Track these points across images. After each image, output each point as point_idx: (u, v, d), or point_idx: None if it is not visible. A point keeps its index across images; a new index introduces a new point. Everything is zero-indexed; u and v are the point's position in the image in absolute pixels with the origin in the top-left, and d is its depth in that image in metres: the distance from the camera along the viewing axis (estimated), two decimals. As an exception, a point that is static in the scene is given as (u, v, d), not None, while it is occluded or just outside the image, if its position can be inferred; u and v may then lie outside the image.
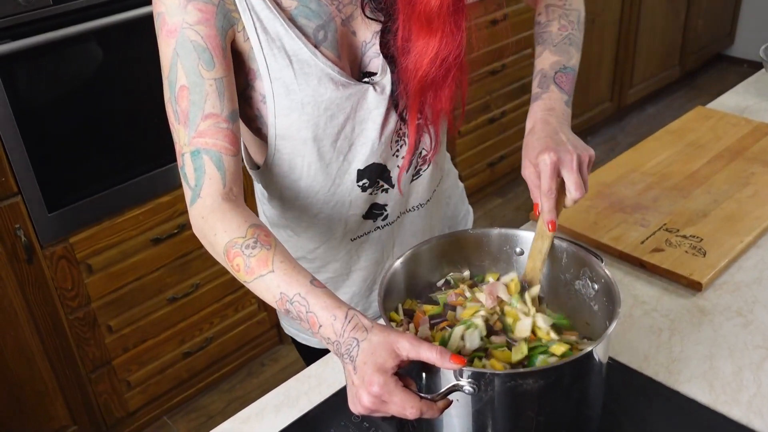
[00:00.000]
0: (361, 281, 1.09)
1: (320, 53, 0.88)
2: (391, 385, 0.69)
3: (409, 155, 0.98)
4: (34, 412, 1.88)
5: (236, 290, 2.21)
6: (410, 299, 0.92)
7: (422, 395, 0.70)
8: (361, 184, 0.98)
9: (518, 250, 0.94)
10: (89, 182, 1.81)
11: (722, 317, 1.04)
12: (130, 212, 1.89)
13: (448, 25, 0.84)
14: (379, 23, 0.92)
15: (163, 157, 1.91)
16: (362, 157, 0.96)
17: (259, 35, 0.86)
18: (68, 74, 1.71)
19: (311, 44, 0.88)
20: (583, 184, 0.85)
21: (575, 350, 0.80)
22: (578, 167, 0.84)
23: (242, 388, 2.32)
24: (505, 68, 2.88)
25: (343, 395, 0.76)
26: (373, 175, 0.98)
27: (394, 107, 0.94)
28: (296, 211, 1.01)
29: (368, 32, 0.92)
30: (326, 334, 0.75)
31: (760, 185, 1.30)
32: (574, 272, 0.90)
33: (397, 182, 1.00)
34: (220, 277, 2.14)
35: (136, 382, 2.07)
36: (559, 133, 0.88)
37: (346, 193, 0.98)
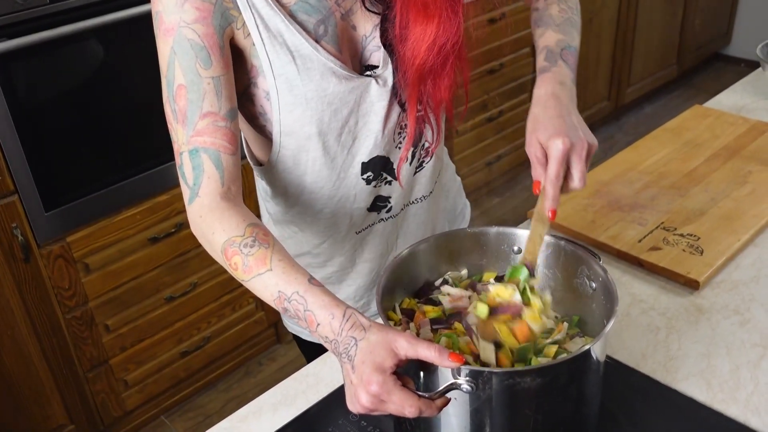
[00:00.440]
0: (366, 274, 1.09)
1: (322, 48, 0.88)
2: (389, 384, 0.69)
3: (408, 145, 0.98)
4: (31, 411, 1.87)
5: (234, 289, 2.21)
6: (408, 298, 0.92)
7: (420, 394, 0.70)
8: (365, 177, 0.98)
9: (516, 248, 0.94)
10: (86, 181, 1.80)
11: (720, 315, 1.04)
12: (127, 211, 1.89)
13: (444, 10, 0.84)
14: (378, 16, 0.92)
15: (160, 156, 1.91)
16: (366, 149, 0.96)
17: (260, 32, 0.86)
18: (65, 73, 1.71)
19: (312, 39, 0.88)
20: (585, 175, 0.84)
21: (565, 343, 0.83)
22: (586, 158, 0.84)
23: (240, 387, 2.32)
24: (503, 67, 2.88)
25: (340, 394, 0.76)
26: (377, 167, 0.98)
27: (396, 99, 0.94)
28: (301, 206, 1.01)
29: (368, 26, 0.93)
30: (324, 332, 0.74)
31: (757, 183, 1.30)
32: (571, 271, 0.90)
33: (397, 174, 1.00)
34: (217, 276, 2.14)
35: (133, 381, 2.06)
36: (571, 114, 0.86)
37: (350, 186, 0.98)
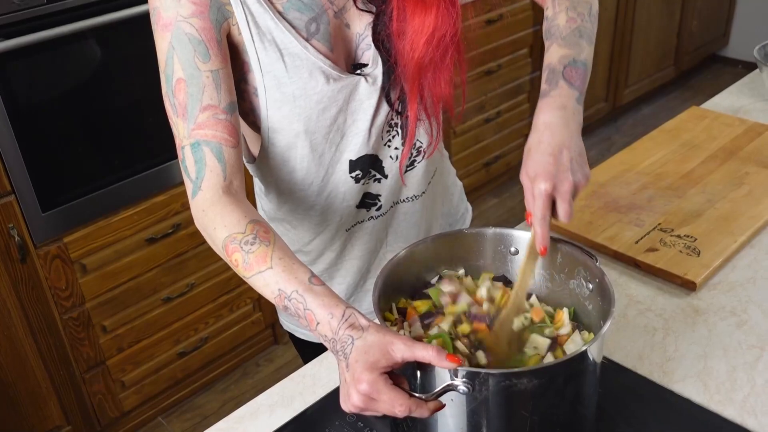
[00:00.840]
0: (355, 271, 1.09)
1: (311, 46, 0.88)
2: (380, 383, 0.69)
3: (409, 144, 0.97)
4: (27, 412, 1.87)
5: (231, 290, 2.20)
6: (405, 298, 0.92)
7: (412, 393, 0.70)
8: (353, 175, 0.98)
9: (513, 249, 0.94)
10: (83, 181, 1.80)
11: (716, 317, 1.04)
12: (124, 212, 1.89)
13: (443, 1, 0.84)
14: (371, 14, 0.92)
15: (157, 156, 1.91)
16: (354, 147, 0.96)
17: (250, 28, 0.86)
18: (62, 73, 1.70)
19: (302, 37, 0.88)
20: (571, 213, 0.83)
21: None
22: (571, 197, 0.82)
23: (237, 388, 2.31)
24: (500, 68, 2.88)
25: (337, 395, 0.76)
26: (365, 166, 0.98)
27: (385, 98, 0.94)
28: (292, 203, 1.01)
29: (362, 24, 0.93)
30: (323, 331, 0.75)
31: (754, 185, 1.30)
32: (568, 272, 0.90)
33: (398, 171, 1.00)
34: (215, 277, 2.13)
35: (130, 382, 2.06)
36: (563, 151, 0.82)
37: (339, 184, 0.98)
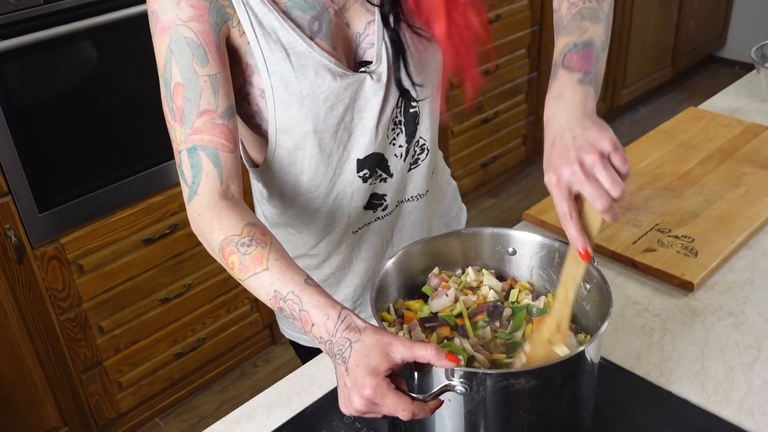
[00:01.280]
0: (363, 273, 1.10)
1: (316, 45, 0.89)
2: (383, 387, 0.69)
3: (445, 73, 0.99)
4: (24, 413, 1.87)
5: (229, 291, 2.20)
6: (402, 299, 0.92)
7: (414, 396, 0.70)
8: (361, 174, 0.98)
9: (510, 249, 0.94)
10: (80, 182, 1.80)
11: (714, 317, 1.04)
12: (121, 212, 1.88)
13: None
14: (371, 13, 0.93)
15: (154, 157, 1.91)
16: (361, 146, 0.96)
17: (255, 29, 0.86)
18: (58, 74, 1.70)
19: (307, 36, 0.88)
20: (611, 187, 0.69)
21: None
22: (591, 172, 0.70)
23: (235, 389, 2.31)
24: (498, 69, 2.88)
25: (335, 396, 0.75)
26: (372, 164, 0.98)
27: (397, 88, 0.94)
28: (298, 207, 1.01)
29: (361, 23, 0.93)
30: (318, 333, 0.74)
31: (751, 186, 1.30)
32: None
33: (403, 169, 1.00)
34: (212, 277, 2.13)
35: (127, 383, 2.06)
36: (565, 133, 0.74)
37: (347, 184, 0.98)
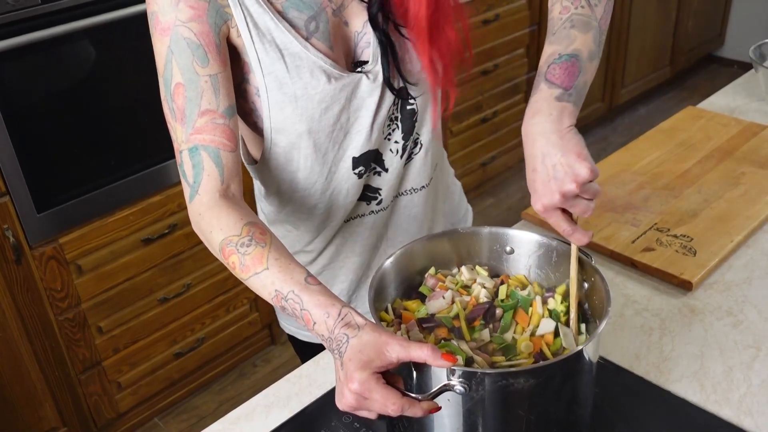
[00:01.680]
0: (356, 268, 1.09)
1: (311, 46, 0.88)
2: (371, 382, 0.69)
3: (436, 100, 1.00)
4: (23, 413, 1.86)
5: (228, 291, 2.20)
6: (400, 299, 0.92)
7: (405, 392, 0.70)
8: (357, 171, 0.98)
9: (508, 248, 0.94)
10: (79, 182, 1.80)
11: (713, 317, 1.04)
12: (120, 212, 1.88)
13: None
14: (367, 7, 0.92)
15: (153, 156, 1.90)
16: (357, 145, 0.96)
17: (250, 30, 0.86)
18: (57, 73, 1.70)
19: (302, 37, 0.88)
20: (584, 212, 0.82)
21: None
22: (570, 200, 0.81)
23: (234, 389, 2.31)
24: (497, 68, 2.89)
25: (333, 396, 0.75)
26: (368, 161, 0.98)
27: (389, 88, 0.94)
28: (294, 204, 1.01)
29: (359, 21, 0.93)
30: (320, 330, 0.75)
31: (749, 185, 1.30)
32: (564, 271, 0.90)
33: (399, 164, 1.01)
34: (211, 277, 2.13)
35: (126, 383, 2.06)
36: (546, 158, 0.81)
37: (342, 181, 0.98)
